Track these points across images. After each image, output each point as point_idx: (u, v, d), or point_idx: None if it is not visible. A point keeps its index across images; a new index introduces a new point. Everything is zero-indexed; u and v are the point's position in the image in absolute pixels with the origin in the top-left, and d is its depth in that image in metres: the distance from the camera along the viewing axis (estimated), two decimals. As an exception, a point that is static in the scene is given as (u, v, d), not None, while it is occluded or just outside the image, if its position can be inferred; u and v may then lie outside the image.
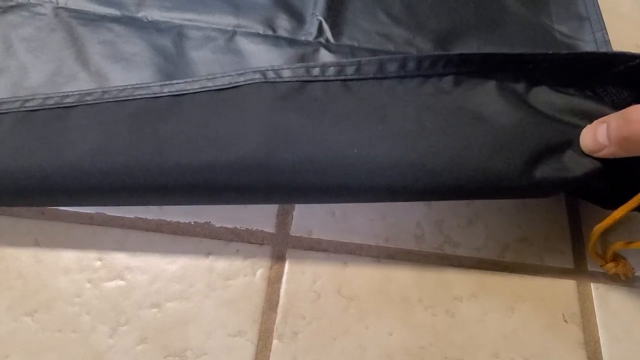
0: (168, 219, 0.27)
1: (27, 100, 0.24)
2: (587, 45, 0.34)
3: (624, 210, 0.22)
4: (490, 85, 0.24)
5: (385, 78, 0.24)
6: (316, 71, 0.24)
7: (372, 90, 0.24)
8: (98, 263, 0.26)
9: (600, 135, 0.21)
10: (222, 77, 0.24)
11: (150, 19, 0.32)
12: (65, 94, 0.24)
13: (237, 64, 0.31)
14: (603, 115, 0.22)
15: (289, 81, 0.24)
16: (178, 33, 0.32)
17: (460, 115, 0.23)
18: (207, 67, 0.30)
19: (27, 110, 0.24)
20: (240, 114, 0.23)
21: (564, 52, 0.23)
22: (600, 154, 0.21)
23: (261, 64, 0.31)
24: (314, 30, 0.33)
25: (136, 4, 0.32)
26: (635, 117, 0.19)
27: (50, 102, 0.24)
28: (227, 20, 0.32)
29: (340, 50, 0.32)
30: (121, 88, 0.24)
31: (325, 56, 0.32)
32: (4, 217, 0.27)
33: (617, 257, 0.27)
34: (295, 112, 0.23)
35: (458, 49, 0.33)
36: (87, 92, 0.24)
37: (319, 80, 0.24)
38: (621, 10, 0.37)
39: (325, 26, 0.33)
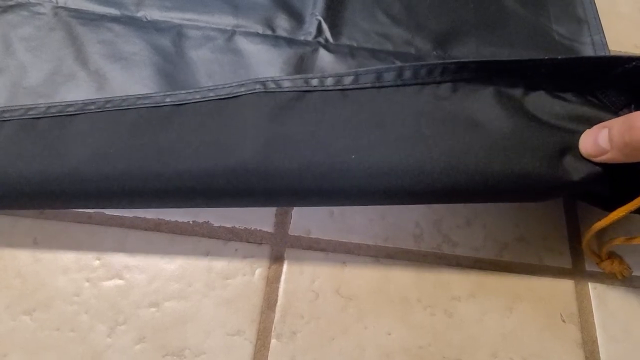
0: (167, 219, 0.27)
1: (30, 109, 0.24)
2: (585, 47, 0.34)
3: (624, 211, 0.22)
4: (488, 91, 0.24)
5: (382, 87, 0.24)
6: (315, 82, 0.24)
7: (369, 97, 0.24)
8: (97, 262, 0.26)
9: (601, 140, 0.21)
10: (224, 87, 0.25)
11: (149, 18, 0.32)
12: (68, 103, 0.25)
13: (236, 64, 0.31)
14: (602, 120, 0.22)
15: (288, 91, 0.24)
16: (177, 33, 0.32)
17: (458, 122, 0.23)
18: (207, 66, 0.31)
19: (30, 118, 0.24)
20: (240, 122, 0.23)
21: (561, 56, 0.23)
22: (600, 159, 0.21)
23: (260, 64, 0.31)
24: (313, 30, 0.33)
25: (136, 3, 0.33)
26: (637, 124, 0.19)
27: (53, 110, 0.24)
28: (226, 20, 0.32)
29: (339, 50, 0.32)
30: (124, 97, 0.25)
31: (324, 56, 0.32)
32: (3, 217, 0.27)
33: (613, 256, 0.27)
34: (293, 120, 0.23)
35: (457, 50, 0.33)
36: (90, 101, 0.25)
37: (318, 90, 0.24)
38: (620, 11, 0.37)
39: (325, 26, 0.33)
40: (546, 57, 0.23)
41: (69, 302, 0.25)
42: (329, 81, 0.24)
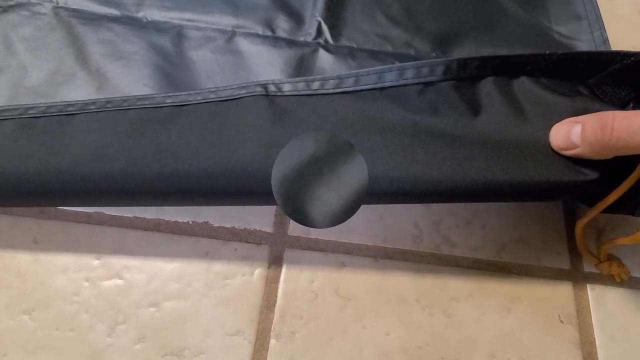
0: (166, 219, 0.27)
1: (30, 108, 0.24)
2: (586, 45, 0.34)
3: (605, 204, 0.23)
4: (490, 91, 0.24)
5: (384, 88, 0.24)
6: (316, 85, 0.24)
7: (372, 99, 0.24)
8: (96, 262, 0.26)
9: (574, 135, 0.21)
10: (225, 89, 0.24)
11: (149, 18, 0.32)
12: (67, 102, 0.24)
13: (236, 65, 0.31)
14: None
15: (290, 95, 0.24)
16: (177, 33, 0.32)
17: (459, 125, 0.23)
18: (207, 67, 0.31)
19: (29, 117, 0.24)
20: (241, 125, 0.23)
21: (561, 52, 0.23)
22: (568, 153, 0.22)
23: (260, 65, 0.31)
24: (313, 31, 0.33)
25: (136, 3, 0.33)
26: (609, 122, 0.20)
27: (53, 110, 0.24)
28: (226, 21, 0.33)
29: (339, 51, 0.32)
30: (124, 98, 0.24)
31: (324, 57, 0.32)
32: (3, 216, 0.27)
33: (611, 258, 0.27)
34: (295, 124, 0.23)
35: (456, 51, 0.33)
36: (91, 101, 0.24)
37: (319, 94, 0.24)
38: (619, 12, 0.37)
39: (324, 27, 0.33)
40: (547, 52, 0.23)
41: (68, 301, 0.25)
42: (330, 84, 0.24)
